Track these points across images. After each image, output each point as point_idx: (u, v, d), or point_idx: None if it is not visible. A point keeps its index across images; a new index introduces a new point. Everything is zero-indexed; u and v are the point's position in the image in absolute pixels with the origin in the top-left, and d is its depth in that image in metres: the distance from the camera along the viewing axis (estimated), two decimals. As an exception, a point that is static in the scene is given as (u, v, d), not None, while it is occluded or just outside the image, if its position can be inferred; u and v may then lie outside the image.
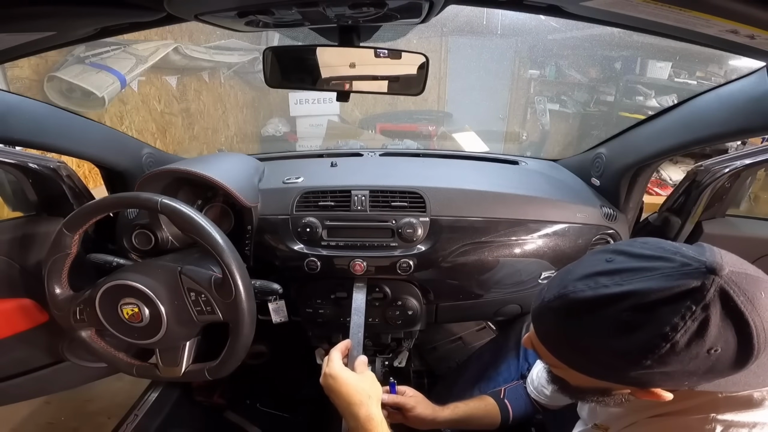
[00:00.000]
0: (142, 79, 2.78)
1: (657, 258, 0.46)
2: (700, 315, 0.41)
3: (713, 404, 0.49)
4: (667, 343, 0.42)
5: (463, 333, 1.57)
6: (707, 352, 0.42)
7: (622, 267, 0.47)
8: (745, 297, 0.41)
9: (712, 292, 0.41)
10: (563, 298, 0.48)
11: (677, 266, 0.44)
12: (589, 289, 0.47)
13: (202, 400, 1.44)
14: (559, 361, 0.53)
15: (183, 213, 0.74)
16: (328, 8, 0.53)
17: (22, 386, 1.08)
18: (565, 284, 0.49)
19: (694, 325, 0.41)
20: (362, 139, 3.54)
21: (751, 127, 0.69)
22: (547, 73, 3.93)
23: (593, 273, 0.48)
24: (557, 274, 0.54)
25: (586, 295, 0.47)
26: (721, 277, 0.41)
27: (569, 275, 0.50)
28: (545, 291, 0.53)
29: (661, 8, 0.45)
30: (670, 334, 0.42)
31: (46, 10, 0.49)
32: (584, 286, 0.47)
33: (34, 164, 0.96)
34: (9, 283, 0.97)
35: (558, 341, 0.52)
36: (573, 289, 0.48)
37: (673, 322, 0.42)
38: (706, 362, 0.43)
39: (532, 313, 0.55)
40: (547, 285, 0.54)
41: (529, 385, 0.87)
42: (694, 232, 1.05)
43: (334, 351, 0.72)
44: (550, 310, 0.51)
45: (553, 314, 0.51)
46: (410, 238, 0.92)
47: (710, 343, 0.42)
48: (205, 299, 0.75)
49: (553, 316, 0.51)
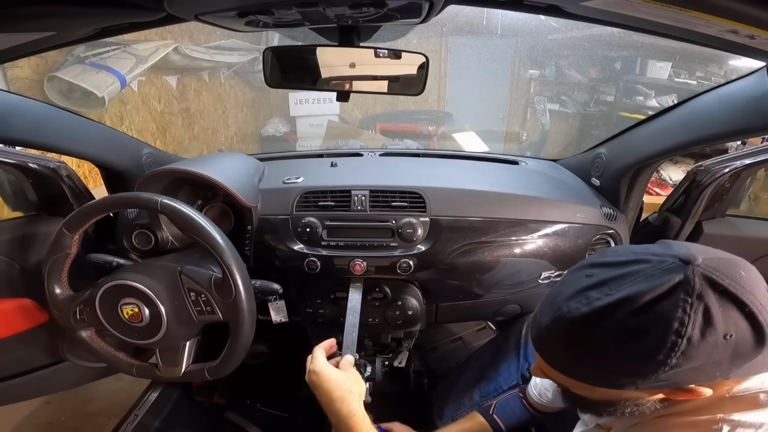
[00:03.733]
0: (142, 79, 2.78)
1: (632, 262, 0.47)
2: (698, 305, 0.42)
3: (720, 404, 0.49)
4: (682, 338, 0.42)
5: (463, 333, 1.57)
6: (724, 338, 0.42)
7: (604, 278, 0.47)
8: (730, 279, 0.42)
9: (698, 281, 0.42)
10: (560, 320, 0.49)
11: (654, 265, 0.45)
12: (583, 306, 0.47)
13: (202, 400, 1.44)
14: (577, 381, 0.53)
15: (183, 213, 0.74)
16: (328, 8, 0.53)
17: (22, 386, 1.08)
18: (558, 306, 0.49)
19: (699, 316, 0.42)
20: (362, 139, 3.54)
21: (751, 127, 0.69)
22: (547, 73, 3.93)
23: (580, 289, 0.48)
24: (545, 300, 0.54)
25: (582, 312, 0.47)
26: (699, 265, 0.43)
27: (558, 297, 0.51)
28: (539, 318, 0.53)
29: (661, 8, 0.45)
30: (680, 329, 0.42)
31: (46, 10, 0.48)
32: (577, 304, 0.48)
33: (34, 164, 0.96)
34: (9, 283, 0.97)
35: (570, 362, 0.52)
36: (567, 309, 0.48)
37: (678, 317, 0.42)
38: (727, 349, 0.43)
39: (533, 343, 0.55)
40: (539, 312, 0.54)
41: (531, 389, 0.86)
42: (694, 232, 1.05)
43: (317, 349, 0.73)
44: (550, 335, 0.51)
45: (555, 338, 0.51)
46: (410, 238, 0.92)
47: (722, 329, 0.42)
48: (205, 299, 0.75)
49: (555, 340, 0.51)
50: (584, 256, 0.97)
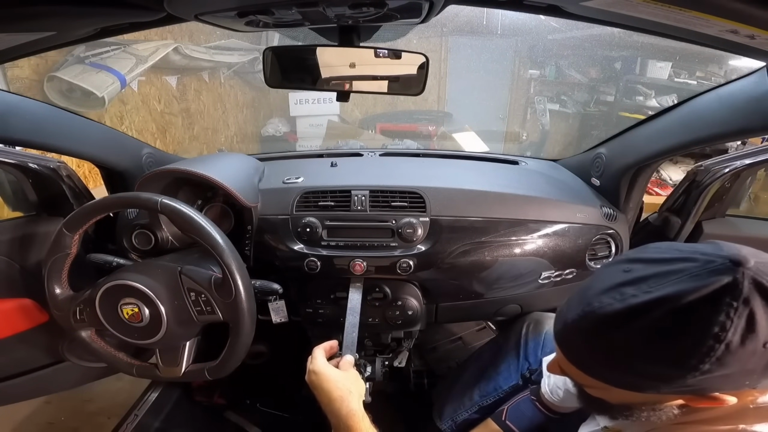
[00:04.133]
0: (142, 79, 2.78)
1: (678, 260, 0.44)
2: (744, 310, 0.40)
3: (742, 414, 0.47)
4: (720, 343, 0.40)
5: (463, 333, 1.57)
6: (763, 346, 0.41)
7: (644, 274, 0.45)
8: None
9: (747, 285, 0.40)
10: (590, 315, 0.47)
11: (701, 265, 0.42)
12: (617, 302, 0.45)
13: (202, 400, 1.44)
14: (597, 381, 0.51)
15: (183, 213, 0.74)
16: (328, 8, 0.53)
17: (22, 386, 1.08)
18: (588, 301, 0.47)
19: (742, 322, 0.40)
20: (362, 139, 3.54)
21: (751, 127, 0.69)
22: (547, 73, 3.93)
23: (615, 285, 0.46)
24: (574, 294, 0.52)
25: (615, 308, 0.45)
26: (750, 269, 0.40)
27: (589, 291, 0.48)
28: (565, 312, 0.51)
29: (661, 8, 0.45)
30: (720, 334, 0.40)
31: (46, 10, 0.49)
32: (610, 299, 0.45)
33: (34, 164, 0.96)
34: (9, 283, 0.97)
35: (593, 361, 0.50)
36: (599, 304, 0.46)
37: (720, 321, 0.40)
38: (764, 357, 0.41)
39: (556, 337, 0.53)
40: (565, 307, 0.52)
41: (544, 386, 0.84)
42: (694, 232, 1.05)
43: (317, 349, 0.73)
44: (577, 330, 0.49)
45: (582, 334, 0.49)
46: (410, 238, 0.92)
47: (764, 336, 0.40)
48: (205, 299, 0.75)
49: (582, 336, 0.49)
50: (584, 256, 0.97)
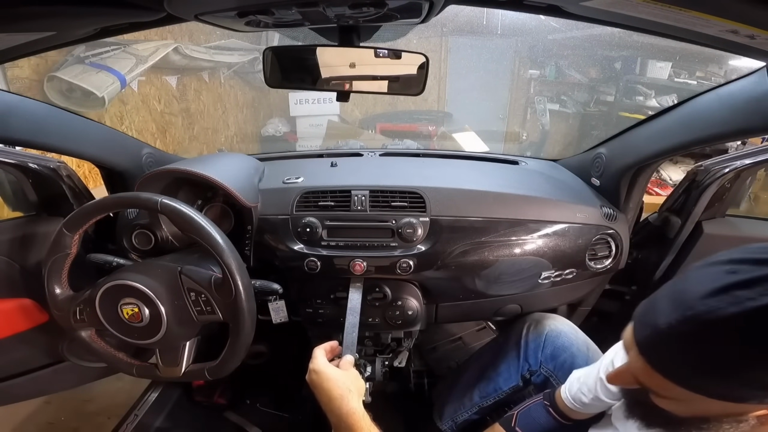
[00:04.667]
0: (142, 79, 2.78)
1: None
2: None
3: None
4: None
5: (463, 333, 1.57)
6: None
7: (757, 276, 0.41)
8: None
9: None
10: (694, 320, 0.42)
11: None
12: (731, 306, 0.40)
13: (202, 400, 1.44)
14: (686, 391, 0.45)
15: (183, 213, 0.74)
16: (328, 8, 0.53)
17: (22, 386, 1.08)
18: (690, 305, 0.43)
19: None
20: (362, 139, 3.54)
21: (751, 127, 0.69)
22: (547, 73, 3.93)
23: (723, 287, 0.42)
24: (664, 298, 0.47)
25: (730, 312, 0.40)
26: None
27: (686, 295, 0.44)
28: (654, 317, 0.46)
29: (661, 8, 0.45)
30: None
31: (46, 10, 0.49)
32: (722, 303, 0.41)
33: (34, 164, 0.96)
34: (9, 283, 0.97)
35: (689, 369, 0.45)
36: (706, 308, 0.41)
37: None
38: None
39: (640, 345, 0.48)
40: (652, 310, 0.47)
41: (565, 393, 0.81)
42: (694, 232, 1.05)
43: (317, 349, 0.73)
44: (677, 336, 0.44)
45: (680, 340, 0.44)
46: (410, 238, 0.92)
47: None
48: (205, 299, 0.75)
49: (681, 343, 0.44)
50: (584, 256, 0.97)
